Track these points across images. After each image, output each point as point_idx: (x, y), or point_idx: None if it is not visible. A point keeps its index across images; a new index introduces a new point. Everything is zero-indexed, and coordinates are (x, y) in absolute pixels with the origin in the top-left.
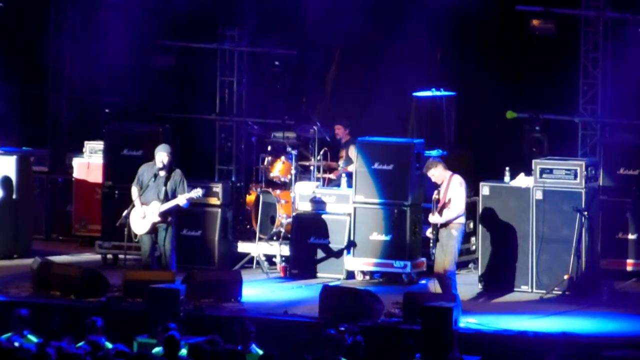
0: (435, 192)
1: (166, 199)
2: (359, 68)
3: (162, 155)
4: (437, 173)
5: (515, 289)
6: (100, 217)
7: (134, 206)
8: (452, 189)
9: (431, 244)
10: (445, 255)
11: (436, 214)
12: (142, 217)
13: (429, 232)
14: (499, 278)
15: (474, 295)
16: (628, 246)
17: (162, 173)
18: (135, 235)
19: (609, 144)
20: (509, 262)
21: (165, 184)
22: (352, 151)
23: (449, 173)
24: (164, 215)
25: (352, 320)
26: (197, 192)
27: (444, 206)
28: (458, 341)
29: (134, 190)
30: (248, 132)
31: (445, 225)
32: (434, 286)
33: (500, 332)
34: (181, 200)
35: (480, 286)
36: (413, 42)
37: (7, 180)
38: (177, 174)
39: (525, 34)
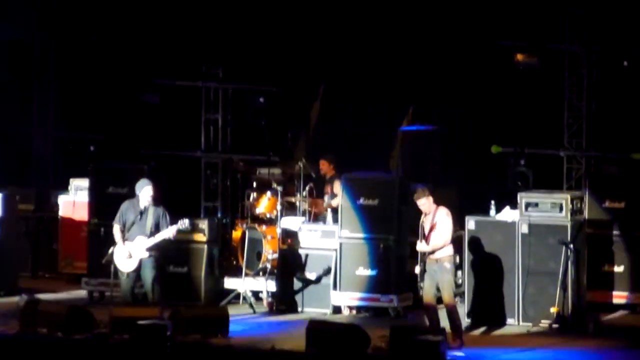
0: (422, 219)
1: (151, 233)
2: (343, 103)
3: (148, 190)
4: (427, 202)
5: (502, 323)
6: (86, 254)
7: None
8: (438, 217)
9: (419, 276)
10: (443, 290)
11: (423, 242)
12: (128, 256)
13: (416, 269)
14: (485, 312)
15: None
16: (614, 278)
17: (147, 208)
18: (123, 273)
19: (594, 176)
20: (495, 295)
21: (150, 219)
22: (337, 186)
23: (434, 205)
24: (150, 250)
25: (338, 355)
26: (184, 223)
27: (429, 235)
28: None
29: (116, 229)
30: (233, 168)
31: (435, 257)
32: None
33: None
34: (170, 232)
35: (467, 320)
36: (397, 77)
37: None
38: (159, 207)
39: (509, 68)
